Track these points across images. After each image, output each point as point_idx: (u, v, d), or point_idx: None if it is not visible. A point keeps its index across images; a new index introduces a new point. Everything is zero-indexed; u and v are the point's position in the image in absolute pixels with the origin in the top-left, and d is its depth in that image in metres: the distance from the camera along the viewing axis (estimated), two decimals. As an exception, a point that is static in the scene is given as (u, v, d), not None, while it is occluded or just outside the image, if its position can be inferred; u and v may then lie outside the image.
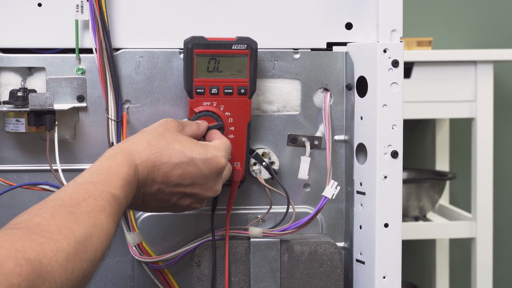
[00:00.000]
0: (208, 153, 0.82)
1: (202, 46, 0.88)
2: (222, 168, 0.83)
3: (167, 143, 0.80)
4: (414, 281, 2.50)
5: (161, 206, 0.82)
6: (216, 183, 0.83)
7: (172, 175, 0.79)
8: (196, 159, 0.80)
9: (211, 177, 0.82)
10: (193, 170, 0.80)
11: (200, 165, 0.81)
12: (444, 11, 2.51)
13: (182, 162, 0.80)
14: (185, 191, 0.81)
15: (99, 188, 0.70)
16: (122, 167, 0.74)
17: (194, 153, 0.81)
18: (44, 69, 0.91)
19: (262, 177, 0.94)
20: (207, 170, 0.81)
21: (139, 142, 0.79)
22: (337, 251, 0.93)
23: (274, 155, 0.95)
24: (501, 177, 2.52)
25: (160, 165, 0.78)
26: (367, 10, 0.95)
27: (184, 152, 0.80)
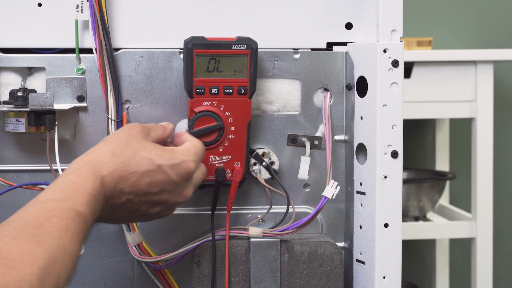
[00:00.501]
0: (175, 158, 0.79)
1: (202, 46, 0.88)
2: (191, 173, 0.81)
3: (134, 151, 0.77)
4: (414, 281, 2.50)
5: (130, 216, 0.80)
6: (185, 189, 0.81)
7: (141, 184, 0.77)
8: (163, 166, 0.78)
9: (180, 183, 0.80)
10: (162, 177, 0.78)
11: (168, 172, 0.79)
12: (444, 11, 2.51)
13: (150, 170, 0.77)
14: (154, 199, 0.79)
15: (63, 206, 0.67)
16: (87, 181, 0.71)
17: (162, 160, 0.78)
18: (44, 69, 0.91)
19: (262, 177, 0.94)
20: (175, 176, 0.79)
21: (104, 153, 0.76)
22: (337, 251, 0.93)
23: (274, 155, 0.95)
24: (501, 177, 2.52)
25: (128, 175, 0.76)
26: (367, 10, 0.95)
27: (152, 159, 0.78)
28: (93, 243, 0.95)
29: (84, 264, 0.95)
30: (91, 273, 0.95)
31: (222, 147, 0.91)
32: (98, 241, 0.95)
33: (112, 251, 0.95)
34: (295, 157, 0.96)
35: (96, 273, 0.95)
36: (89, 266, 0.95)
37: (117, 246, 0.95)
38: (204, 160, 0.90)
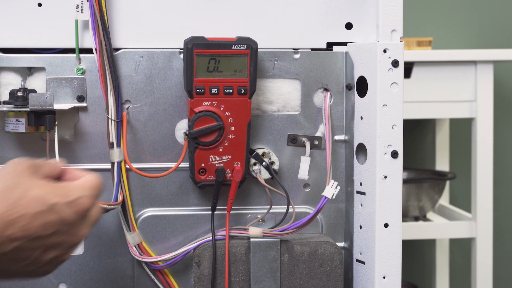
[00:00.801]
0: (70, 195, 0.71)
1: (202, 46, 0.88)
2: (87, 210, 0.73)
3: (23, 191, 0.68)
4: (414, 281, 2.50)
5: (19, 268, 0.70)
6: (81, 228, 0.73)
7: (31, 227, 0.68)
8: (57, 205, 0.70)
9: (75, 222, 0.72)
10: (55, 218, 0.70)
11: (62, 211, 0.70)
12: (444, 11, 2.51)
13: (41, 211, 0.69)
14: (47, 242, 0.70)
15: None
16: None
17: (55, 198, 0.70)
18: (44, 69, 0.91)
19: (262, 177, 0.94)
20: (71, 214, 0.71)
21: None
22: (337, 251, 0.93)
23: (274, 155, 0.95)
24: (501, 177, 2.52)
25: (17, 218, 0.67)
26: (367, 10, 0.95)
27: (43, 198, 0.69)
28: (93, 243, 0.95)
29: (84, 264, 0.95)
30: (91, 273, 0.95)
31: (222, 147, 0.91)
32: (98, 241, 0.95)
33: (112, 251, 0.95)
34: (295, 157, 0.96)
35: (96, 273, 0.95)
36: (89, 266, 0.95)
37: (117, 246, 0.95)
38: (204, 160, 0.90)
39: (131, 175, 0.93)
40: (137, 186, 0.94)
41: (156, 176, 0.91)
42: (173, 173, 0.91)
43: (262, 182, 0.94)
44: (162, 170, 0.93)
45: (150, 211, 0.95)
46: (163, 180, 0.94)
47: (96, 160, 0.93)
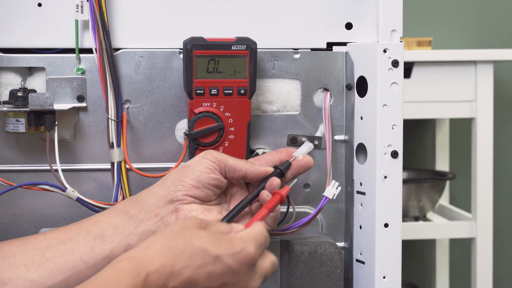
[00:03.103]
0: (235, 247, 0.70)
1: (202, 47, 0.88)
2: (253, 260, 0.71)
3: (185, 242, 0.69)
4: (414, 281, 2.50)
5: None
6: (251, 279, 0.72)
7: (197, 279, 0.68)
8: (222, 256, 0.69)
9: (243, 273, 0.71)
10: (221, 269, 0.69)
11: (228, 262, 0.69)
12: (444, 11, 2.51)
13: (206, 262, 0.68)
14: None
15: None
16: (124, 277, 0.63)
17: (219, 250, 0.69)
18: (44, 69, 0.91)
19: (262, 177, 0.94)
20: (237, 265, 0.70)
21: (151, 246, 0.68)
22: (337, 251, 0.93)
23: (274, 155, 0.95)
24: (501, 177, 2.52)
25: (180, 269, 0.67)
26: (367, 10, 0.95)
27: (207, 250, 0.69)
28: (93, 243, 0.95)
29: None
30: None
31: (222, 148, 0.91)
32: (98, 241, 0.95)
33: (112, 251, 0.95)
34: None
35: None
36: (89, 266, 0.95)
37: (117, 246, 0.95)
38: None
39: (131, 175, 0.93)
40: (137, 186, 0.94)
41: (156, 176, 0.91)
42: (173, 173, 0.91)
43: (262, 182, 0.94)
44: (162, 170, 0.93)
45: (150, 211, 0.95)
46: (163, 180, 0.94)
47: (96, 160, 0.93)
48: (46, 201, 0.93)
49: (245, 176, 0.84)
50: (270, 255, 0.75)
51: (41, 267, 0.75)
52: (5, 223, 0.93)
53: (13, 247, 0.77)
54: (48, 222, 0.93)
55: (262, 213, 0.80)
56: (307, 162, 0.87)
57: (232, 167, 0.83)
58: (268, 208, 0.81)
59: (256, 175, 0.84)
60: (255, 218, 0.79)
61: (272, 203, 0.82)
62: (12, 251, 0.77)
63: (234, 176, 0.83)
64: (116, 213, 0.80)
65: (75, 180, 0.93)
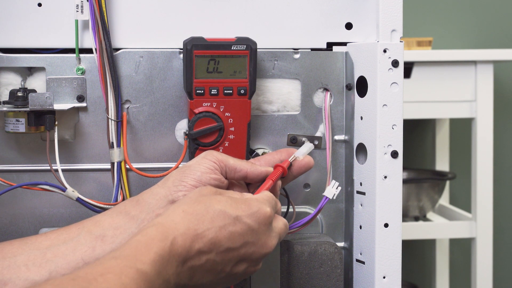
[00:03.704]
0: (252, 207, 0.75)
1: (202, 47, 0.88)
2: (270, 218, 0.76)
3: (206, 206, 0.73)
4: (414, 281, 2.50)
5: (214, 280, 0.74)
6: (269, 237, 0.77)
7: (220, 239, 0.72)
8: (241, 216, 0.74)
9: (261, 231, 0.76)
10: (241, 229, 0.74)
11: (247, 221, 0.74)
12: (444, 11, 2.51)
13: (227, 223, 0.73)
14: (238, 254, 0.74)
15: (122, 263, 0.63)
16: (153, 241, 0.67)
17: (238, 211, 0.74)
18: (44, 69, 0.91)
19: (262, 177, 0.94)
20: (256, 224, 0.75)
21: (173, 213, 0.72)
22: (337, 251, 0.93)
23: (274, 155, 0.95)
24: (501, 177, 2.52)
25: (203, 232, 0.71)
26: (367, 10, 0.95)
27: (227, 212, 0.73)
28: (93, 243, 0.95)
29: (84, 264, 0.95)
30: (91, 273, 0.95)
31: (222, 148, 0.91)
32: (98, 241, 0.95)
33: (112, 251, 0.95)
34: (295, 157, 0.96)
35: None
36: (89, 266, 0.95)
37: (117, 246, 0.95)
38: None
39: (131, 175, 0.93)
40: (137, 186, 0.94)
41: (156, 176, 0.91)
42: (173, 173, 0.91)
43: (262, 182, 0.94)
44: (162, 170, 0.93)
45: (150, 211, 0.95)
46: (163, 180, 0.94)
47: (96, 160, 0.93)
48: (46, 201, 0.93)
49: (245, 177, 0.84)
50: (282, 218, 0.80)
51: (42, 267, 0.75)
52: (5, 223, 0.93)
53: (14, 248, 0.77)
54: (48, 222, 0.93)
55: (267, 184, 0.84)
56: (307, 162, 0.88)
57: (232, 167, 0.83)
58: (272, 180, 0.84)
59: (256, 175, 0.84)
60: (262, 188, 0.83)
61: (276, 175, 0.85)
62: (12, 252, 0.77)
63: (235, 176, 0.84)
64: (117, 214, 0.80)
65: (75, 180, 0.93)
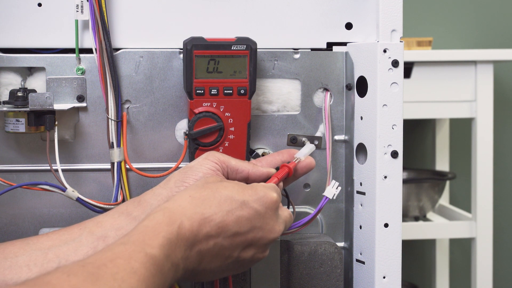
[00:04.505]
0: (258, 192, 0.76)
1: (202, 47, 0.88)
2: (277, 203, 0.77)
3: (213, 191, 0.74)
4: (414, 281, 2.50)
5: (223, 266, 0.75)
6: (276, 222, 0.78)
7: (227, 224, 0.73)
8: (248, 201, 0.75)
9: (268, 216, 0.76)
10: (248, 213, 0.74)
11: (254, 206, 0.75)
12: (444, 11, 2.51)
13: (234, 208, 0.74)
14: (246, 239, 0.75)
15: (131, 248, 0.63)
16: (160, 224, 0.68)
17: (245, 196, 0.75)
18: (44, 69, 0.91)
19: (262, 177, 0.94)
20: (263, 209, 0.75)
21: (180, 198, 0.73)
22: (337, 251, 0.93)
23: (274, 155, 0.95)
24: (501, 177, 2.52)
25: (210, 216, 0.72)
26: (367, 10, 0.95)
27: (234, 197, 0.74)
28: (93, 243, 0.94)
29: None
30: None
31: (222, 148, 0.91)
32: (98, 241, 0.95)
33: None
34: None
35: None
36: (89, 266, 0.95)
37: (117, 246, 0.95)
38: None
39: (131, 175, 0.93)
40: (137, 186, 0.94)
41: (156, 176, 0.91)
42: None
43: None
44: (162, 170, 0.93)
45: (150, 211, 0.95)
46: (163, 180, 0.94)
47: (96, 160, 0.93)
48: (46, 201, 0.93)
49: (247, 178, 0.84)
50: (287, 209, 0.81)
51: (43, 268, 0.75)
52: (5, 223, 0.93)
53: (16, 248, 0.77)
54: (48, 222, 0.93)
55: (272, 181, 0.84)
56: (309, 163, 0.88)
57: (234, 168, 0.83)
58: (278, 177, 0.85)
59: (258, 176, 0.84)
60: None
61: (282, 173, 0.86)
62: (14, 252, 0.77)
63: (236, 177, 0.84)
64: (119, 214, 0.80)
65: (75, 180, 0.93)
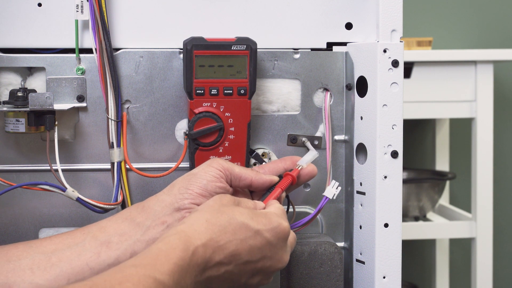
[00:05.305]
0: (272, 222, 0.77)
1: (202, 47, 0.88)
2: (288, 234, 0.78)
3: (229, 218, 0.74)
4: (414, 281, 2.50)
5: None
6: (285, 252, 0.79)
7: (240, 252, 0.73)
8: (261, 231, 0.75)
9: (279, 246, 0.77)
10: (261, 243, 0.75)
11: (267, 236, 0.76)
12: (444, 11, 2.51)
13: (248, 236, 0.74)
14: (255, 267, 0.76)
15: (141, 272, 0.63)
16: (175, 250, 0.67)
17: (259, 225, 0.75)
18: (44, 69, 0.91)
19: (262, 177, 0.94)
20: (274, 239, 0.76)
21: (197, 222, 0.73)
22: (337, 251, 0.93)
23: (274, 155, 0.96)
24: (501, 177, 2.52)
25: (225, 243, 0.72)
26: (367, 10, 0.95)
27: (249, 225, 0.74)
28: (93, 243, 0.94)
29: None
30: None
31: (222, 148, 0.91)
32: (98, 241, 0.94)
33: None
34: (295, 157, 0.96)
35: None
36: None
37: (117, 246, 0.95)
38: (204, 160, 0.90)
39: (131, 175, 0.93)
40: (137, 186, 0.94)
41: (156, 176, 0.91)
42: (173, 173, 0.91)
43: (262, 182, 0.94)
44: (162, 170, 0.93)
45: (150, 211, 0.95)
46: (163, 180, 0.94)
47: (96, 160, 0.93)
48: (46, 201, 0.93)
49: (250, 185, 0.84)
50: (292, 232, 0.81)
51: (46, 271, 0.75)
52: (5, 223, 0.93)
53: (19, 251, 0.77)
54: (48, 222, 0.93)
55: (276, 192, 0.85)
56: (310, 171, 0.88)
57: (238, 176, 0.83)
58: (282, 188, 0.85)
59: (261, 184, 0.84)
60: (271, 196, 0.84)
61: (285, 183, 0.86)
62: (17, 255, 0.77)
63: (240, 184, 0.84)
64: (122, 220, 0.80)
65: (75, 180, 0.93)
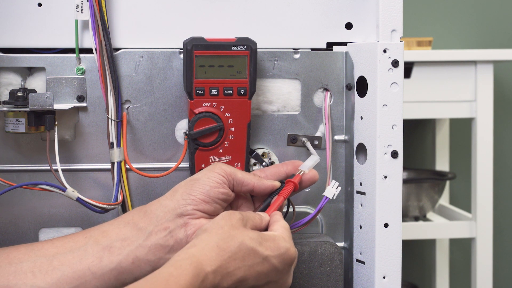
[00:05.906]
0: (281, 248, 0.77)
1: (202, 47, 0.88)
2: (294, 259, 0.79)
3: (239, 244, 0.74)
4: (414, 281, 2.50)
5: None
6: (289, 276, 0.80)
7: (247, 278, 0.74)
8: (269, 257, 0.76)
9: (284, 271, 0.78)
10: (268, 269, 0.76)
11: (274, 262, 0.76)
12: (444, 11, 2.51)
13: (257, 263, 0.75)
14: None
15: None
16: (185, 276, 0.68)
17: (268, 251, 0.76)
18: (44, 69, 0.91)
19: (262, 177, 0.94)
20: (281, 265, 0.77)
21: (208, 246, 0.73)
22: (337, 251, 0.93)
23: (274, 155, 0.96)
24: (501, 177, 2.52)
25: (234, 270, 0.73)
26: (367, 10, 0.95)
27: (258, 251, 0.75)
28: (93, 243, 0.94)
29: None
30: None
31: (222, 148, 0.91)
32: (98, 241, 0.94)
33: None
34: (295, 157, 0.96)
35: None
36: (89, 266, 0.95)
37: (117, 246, 0.95)
38: (204, 160, 0.90)
39: (131, 175, 0.93)
40: (137, 186, 0.94)
41: (156, 176, 0.91)
42: (173, 173, 0.91)
43: (262, 182, 0.94)
44: (162, 170, 0.93)
45: (150, 211, 0.95)
46: (163, 180, 0.94)
47: (96, 160, 0.93)
48: (46, 201, 0.93)
49: (252, 190, 0.84)
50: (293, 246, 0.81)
51: (48, 274, 0.75)
52: (5, 223, 0.93)
53: (20, 253, 0.77)
54: (48, 222, 0.93)
55: (278, 201, 0.85)
56: (312, 177, 0.88)
57: (240, 181, 0.83)
58: (284, 196, 0.85)
59: (263, 189, 0.84)
60: (273, 205, 0.84)
61: (288, 191, 0.86)
62: (19, 258, 0.77)
63: (242, 189, 0.84)
64: (124, 224, 0.80)
65: (75, 180, 0.93)
